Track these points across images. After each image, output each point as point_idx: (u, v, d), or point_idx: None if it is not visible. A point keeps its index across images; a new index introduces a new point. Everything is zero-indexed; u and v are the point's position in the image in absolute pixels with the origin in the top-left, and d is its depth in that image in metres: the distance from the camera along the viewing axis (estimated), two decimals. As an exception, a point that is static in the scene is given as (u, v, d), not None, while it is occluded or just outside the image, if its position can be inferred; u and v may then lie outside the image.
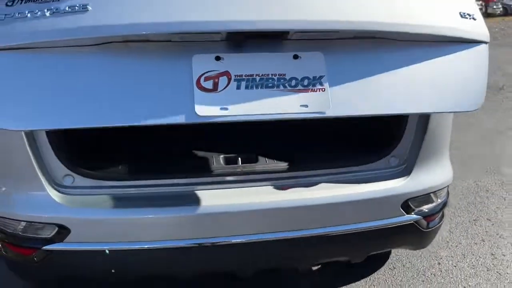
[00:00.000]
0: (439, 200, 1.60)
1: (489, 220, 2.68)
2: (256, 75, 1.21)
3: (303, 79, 1.22)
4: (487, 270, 2.19)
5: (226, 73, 1.20)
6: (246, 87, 1.19)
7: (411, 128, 1.57)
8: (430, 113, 1.44)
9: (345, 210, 1.48)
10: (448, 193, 1.71)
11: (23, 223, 1.40)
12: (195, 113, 1.14)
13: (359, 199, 1.48)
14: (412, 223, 1.53)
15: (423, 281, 2.11)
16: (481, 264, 2.24)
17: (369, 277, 2.11)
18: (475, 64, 1.33)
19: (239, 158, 1.58)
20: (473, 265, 2.24)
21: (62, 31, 1.11)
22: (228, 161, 1.59)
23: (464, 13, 1.33)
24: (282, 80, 1.21)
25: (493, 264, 2.24)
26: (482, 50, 1.34)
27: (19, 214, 1.40)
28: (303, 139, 1.94)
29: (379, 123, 1.66)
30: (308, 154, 1.71)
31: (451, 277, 2.14)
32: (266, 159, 1.59)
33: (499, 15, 26.16)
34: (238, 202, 1.42)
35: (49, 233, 1.38)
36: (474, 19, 1.34)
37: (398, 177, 1.53)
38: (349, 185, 1.50)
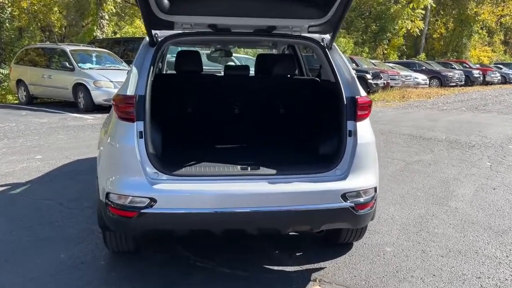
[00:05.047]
0: (365, 196, 2.70)
1: (428, 232, 3.74)
2: None
3: None
4: (415, 259, 3.24)
5: None
6: None
7: (346, 155, 2.73)
8: None
9: (311, 196, 2.60)
10: (375, 192, 2.79)
11: (130, 197, 2.54)
12: None
13: (319, 190, 2.61)
14: (348, 208, 2.62)
15: (370, 262, 3.17)
16: (412, 255, 3.29)
17: (337, 258, 3.20)
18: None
19: (249, 167, 2.77)
20: (407, 256, 3.28)
21: None
22: (242, 168, 2.77)
23: None
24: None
25: (421, 256, 3.29)
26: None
27: (129, 192, 2.54)
28: (292, 159, 3.20)
29: (330, 155, 2.86)
30: (294, 165, 2.94)
31: (390, 262, 3.19)
32: (264, 168, 2.76)
33: (498, 83, 27.76)
34: (246, 189, 2.57)
35: (145, 202, 2.52)
36: None
37: (339, 180, 2.67)
38: (314, 183, 2.64)
